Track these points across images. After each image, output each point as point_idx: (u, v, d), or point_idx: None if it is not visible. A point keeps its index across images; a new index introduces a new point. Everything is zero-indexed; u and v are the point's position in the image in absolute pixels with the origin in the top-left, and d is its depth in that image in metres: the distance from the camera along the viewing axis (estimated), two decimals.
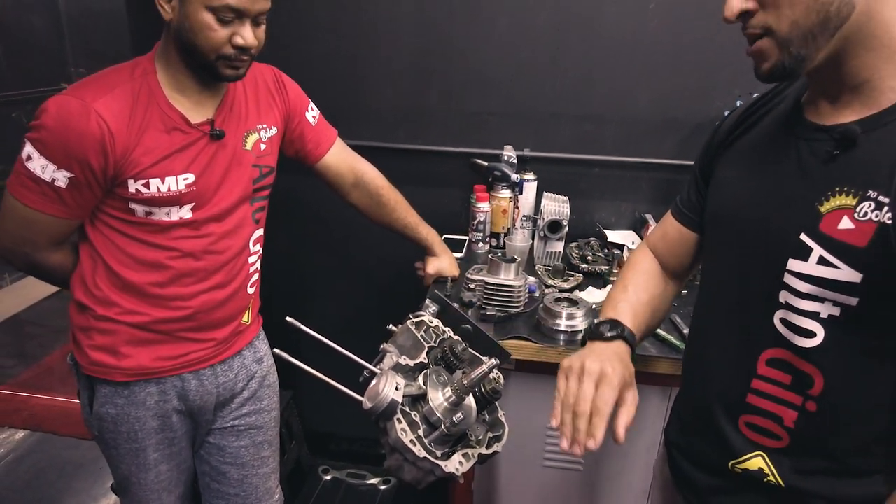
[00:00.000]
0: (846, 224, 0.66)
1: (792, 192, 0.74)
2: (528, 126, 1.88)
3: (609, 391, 0.80)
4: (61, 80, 4.37)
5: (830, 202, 0.69)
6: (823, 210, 0.69)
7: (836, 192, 0.68)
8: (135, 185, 1.10)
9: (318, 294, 2.20)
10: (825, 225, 0.69)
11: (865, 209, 0.65)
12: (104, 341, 1.18)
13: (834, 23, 0.62)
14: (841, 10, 0.62)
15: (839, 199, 0.68)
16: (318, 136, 1.40)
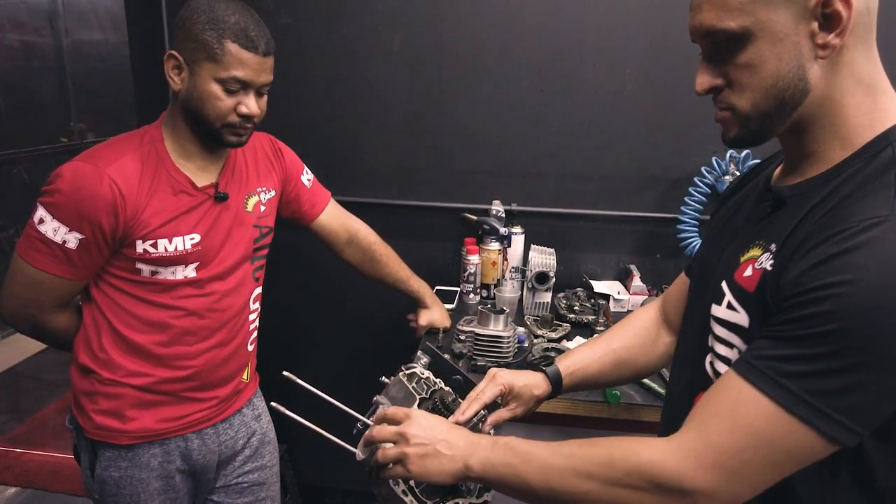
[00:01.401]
0: (748, 272, 0.71)
1: (732, 244, 0.79)
2: (515, 182, 1.96)
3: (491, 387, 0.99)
4: (62, 135, 4.48)
5: (747, 253, 0.73)
6: (742, 260, 0.73)
7: (754, 245, 0.73)
8: (143, 245, 1.14)
9: (311, 345, 2.23)
10: (738, 273, 0.73)
11: (763, 259, 0.69)
12: (110, 405, 1.20)
13: (790, 105, 0.67)
14: (795, 96, 0.67)
15: (753, 251, 0.72)
16: (312, 197, 1.47)
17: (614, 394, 1.37)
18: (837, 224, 0.61)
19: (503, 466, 0.77)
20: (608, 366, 1.04)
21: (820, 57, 0.65)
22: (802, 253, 0.63)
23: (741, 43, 0.67)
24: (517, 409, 1.01)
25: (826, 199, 0.66)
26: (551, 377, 1.02)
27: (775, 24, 0.65)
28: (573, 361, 1.04)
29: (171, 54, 1.13)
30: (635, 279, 1.88)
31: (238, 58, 1.11)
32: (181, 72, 1.13)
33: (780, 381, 0.61)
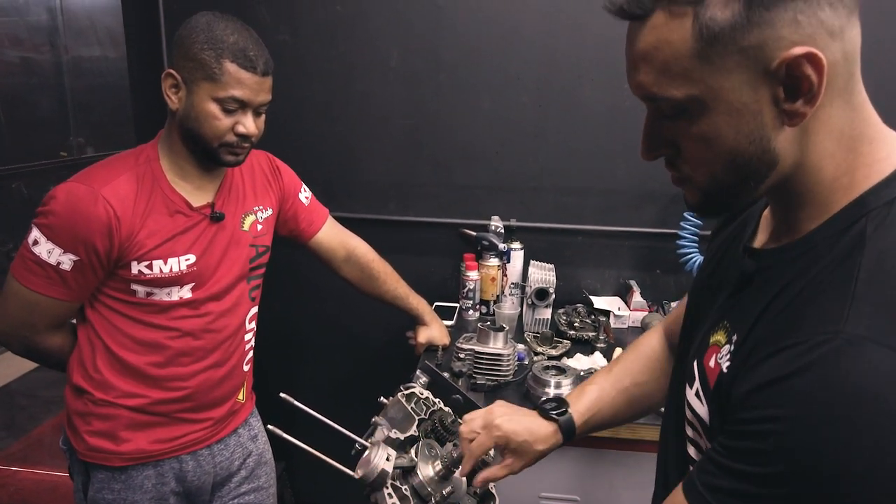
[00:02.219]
0: (712, 362, 0.63)
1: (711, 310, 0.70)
2: (514, 198, 1.96)
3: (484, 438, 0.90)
4: (61, 149, 4.48)
5: (715, 335, 0.65)
6: (710, 340, 0.65)
7: (721, 326, 0.65)
8: (138, 266, 1.13)
9: (309, 363, 2.22)
10: (706, 357, 0.65)
11: (724, 352, 0.61)
12: (103, 426, 1.19)
13: (755, 179, 0.58)
14: (761, 169, 0.57)
15: (719, 335, 0.64)
16: (310, 215, 1.46)
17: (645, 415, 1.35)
18: (790, 332, 0.53)
19: None
20: (622, 406, 0.96)
21: (788, 125, 0.55)
22: (754, 363, 0.55)
23: (689, 114, 0.56)
24: (514, 465, 0.92)
25: (789, 286, 0.57)
26: (564, 428, 0.92)
27: (730, 93, 0.54)
28: (586, 406, 0.94)
29: (169, 73, 1.12)
30: (635, 295, 1.87)
31: (236, 77, 1.10)
32: (179, 90, 1.13)
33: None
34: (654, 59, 0.55)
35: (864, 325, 0.49)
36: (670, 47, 0.54)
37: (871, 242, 0.53)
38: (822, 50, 0.51)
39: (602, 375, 0.98)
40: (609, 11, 0.57)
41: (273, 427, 0.88)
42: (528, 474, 1.44)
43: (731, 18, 0.51)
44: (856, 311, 0.50)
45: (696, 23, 0.52)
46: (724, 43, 0.52)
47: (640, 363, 0.98)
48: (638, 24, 0.56)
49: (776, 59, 0.51)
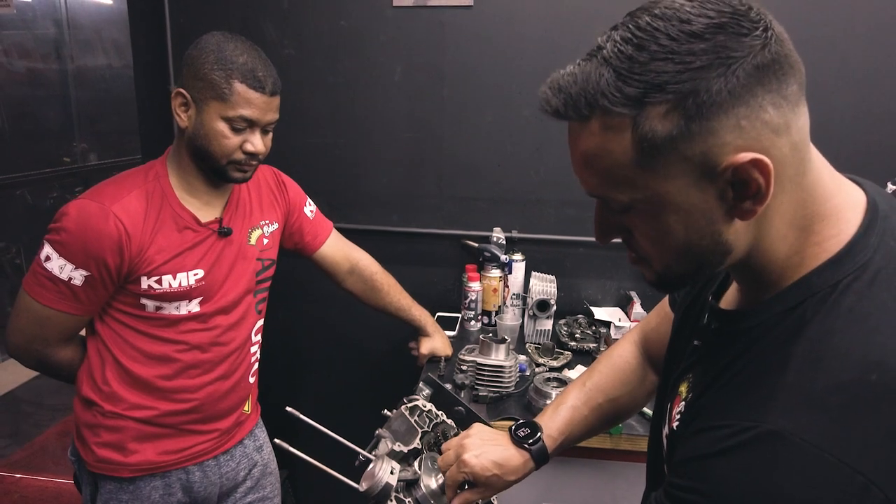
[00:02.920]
0: (675, 411, 0.64)
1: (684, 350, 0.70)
2: (515, 210, 1.97)
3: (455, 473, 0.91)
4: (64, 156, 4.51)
5: (682, 384, 0.66)
6: (679, 389, 0.66)
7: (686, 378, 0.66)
8: (147, 281, 1.15)
9: (313, 373, 2.23)
10: (675, 405, 0.66)
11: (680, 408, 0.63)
12: (112, 438, 1.20)
13: (709, 266, 0.58)
14: (714, 258, 0.57)
15: (683, 386, 0.66)
16: (315, 228, 1.48)
17: (616, 426, 1.37)
18: (722, 412, 0.55)
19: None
20: (594, 423, 0.97)
21: (740, 219, 0.54)
22: (692, 432, 0.57)
23: (638, 212, 0.56)
24: (485, 493, 0.92)
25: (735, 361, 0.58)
26: (536, 457, 0.92)
27: (676, 196, 0.53)
28: (559, 430, 0.95)
29: (179, 92, 1.15)
30: (636, 306, 1.88)
31: (245, 97, 1.12)
32: (188, 109, 1.15)
33: None
34: (595, 164, 0.55)
35: (787, 418, 0.50)
36: (611, 156, 0.53)
37: (809, 330, 0.53)
38: (768, 150, 0.51)
39: (575, 391, 0.98)
40: (544, 112, 0.56)
41: (279, 441, 0.88)
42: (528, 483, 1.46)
43: (671, 131, 0.50)
44: (783, 401, 0.51)
45: (634, 133, 0.51)
46: (665, 153, 0.51)
47: (614, 377, 0.98)
48: (579, 125, 0.55)
49: (721, 165, 0.51)
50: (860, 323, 0.52)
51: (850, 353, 0.51)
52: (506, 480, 0.91)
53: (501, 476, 0.90)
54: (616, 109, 0.51)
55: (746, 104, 0.50)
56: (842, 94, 1.77)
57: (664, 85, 0.50)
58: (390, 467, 0.90)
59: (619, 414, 0.99)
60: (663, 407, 0.72)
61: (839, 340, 0.52)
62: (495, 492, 0.92)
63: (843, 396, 0.49)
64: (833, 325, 0.53)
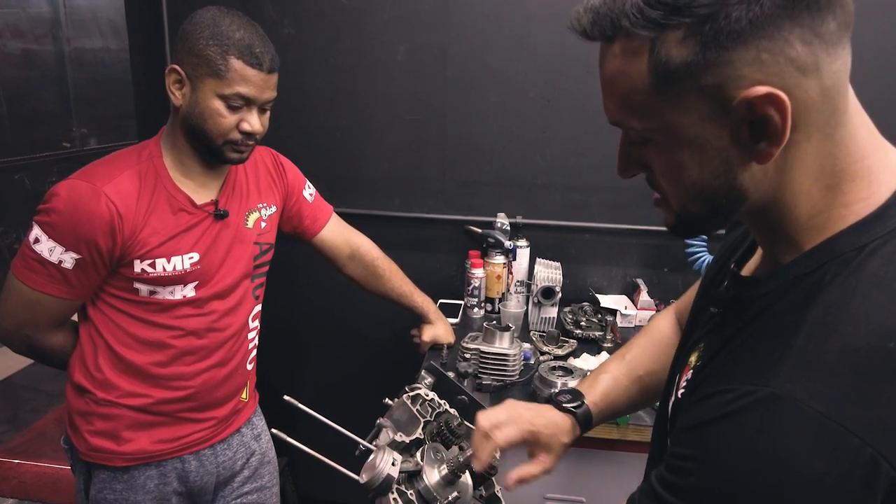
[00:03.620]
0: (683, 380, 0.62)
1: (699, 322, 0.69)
2: (520, 195, 1.93)
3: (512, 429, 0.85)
4: (63, 141, 4.47)
5: (692, 354, 0.64)
6: (689, 359, 0.64)
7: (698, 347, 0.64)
8: (140, 265, 1.12)
9: (313, 361, 2.20)
10: (685, 371, 0.64)
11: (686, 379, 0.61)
12: (105, 426, 1.18)
13: (723, 212, 0.56)
14: (728, 204, 0.55)
15: (694, 355, 0.63)
16: (314, 212, 1.44)
17: (623, 416, 1.34)
18: (726, 377, 0.52)
19: None
20: (634, 395, 0.95)
21: (757, 162, 0.52)
22: (694, 400, 0.55)
23: (654, 143, 0.55)
24: (546, 461, 0.88)
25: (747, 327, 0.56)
26: (582, 421, 0.90)
27: (689, 130, 0.52)
28: (600, 396, 0.93)
29: (173, 69, 1.10)
30: (642, 294, 1.85)
31: (242, 74, 1.08)
32: (183, 87, 1.11)
33: None
34: (615, 88, 0.54)
35: (794, 382, 0.47)
36: (628, 80, 0.52)
37: (826, 293, 0.50)
38: (790, 89, 0.48)
39: (615, 363, 0.97)
40: (573, 31, 0.55)
41: (276, 431, 0.87)
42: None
43: (686, 57, 0.49)
44: (790, 365, 0.48)
45: (651, 58, 0.50)
46: (680, 81, 0.50)
47: (653, 350, 0.96)
48: (605, 46, 0.54)
49: (735, 99, 0.49)
50: (884, 288, 0.49)
51: (869, 318, 0.48)
52: (561, 442, 0.88)
53: (558, 436, 0.88)
54: (636, 31, 0.50)
55: (770, 37, 0.47)
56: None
57: (683, 8, 0.48)
58: (391, 458, 0.87)
59: (658, 387, 0.94)
60: (672, 378, 0.70)
61: (858, 305, 0.49)
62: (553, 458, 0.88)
63: (857, 363, 0.46)
64: (853, 288, 0.50)
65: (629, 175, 0.61)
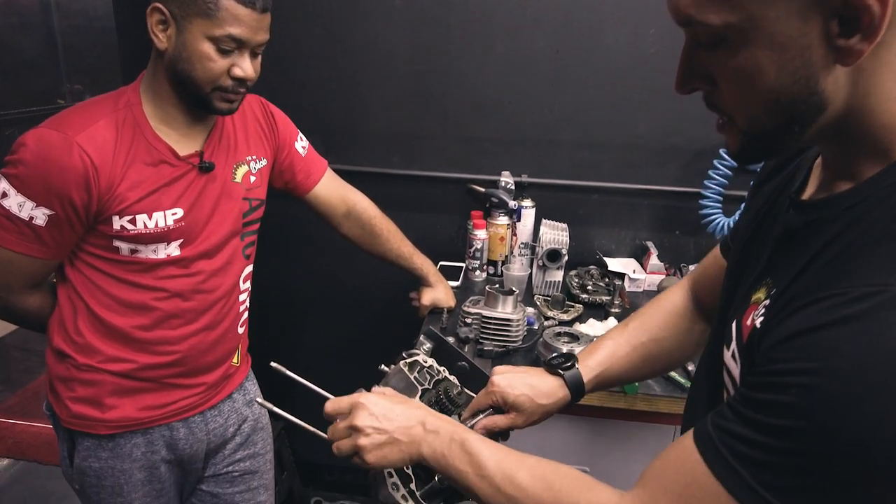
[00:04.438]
0: (749, 319, 0.58)
1: (754, 268, 0.65)
2: (526, 152, 1.86)
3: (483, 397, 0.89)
4: (57, 97, 4.34)
5: (756, 292, 0.60)
6: (751, 299, 0.61)
7: (763, 283, 0.60)
8: (119, 221, 1.05)
9: (307, 324, 2.17)
10: (745, 316, 0.60)
11: (761, 309, 0.57)
12: (87, 393, 1.13)
13: (800, 122, 0.52)
14: (807, 112, 0.51)
15: (759, 292, 0.59)
16: (307, 166, 1.37)
17: (632, 385, 1.28)
18: (831, 282, 0.49)
19: (455, 470, 0.72)
20: (637, 362, 0.92)
21: (841, 64, 0.49)
22: (788, 312, 0.51)
23: (728, 44, 0.51)
24: (517, 419, 0.89)
25: (838, 238, 0.53)
26: (570, 384, 0.89)
27: (774, 24, 0.48)
28: (598, 361, 0.91)
29: (156, 7, 1.02)
30: (652, 257, 1.78)
31: (234, 14, 1.00)
32: (167, 28, 1.02)
33: (734, 465, 0.51)
34: None
35: None
36: None
37: None
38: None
39: (618, 330, 0.95)
40: None
41: (261, 401, 0.86)
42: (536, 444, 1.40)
43: None
44: None
45: None
46: None
47: (660, 318, 0.94)
48: None
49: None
50: None
51: None
52: (538, 404, 0.88)
53: (532, 398, 0.88)
54: None
55: None
56: None
57: None
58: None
59: (664, 357, 0.94)
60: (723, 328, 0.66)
61: None
62: (525, 419, 0.89)
63: None
64: None
65: (688, 90, 0.57)
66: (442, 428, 0.75)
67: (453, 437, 0.73)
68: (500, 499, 0.68)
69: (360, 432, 0.75)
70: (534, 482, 0.67)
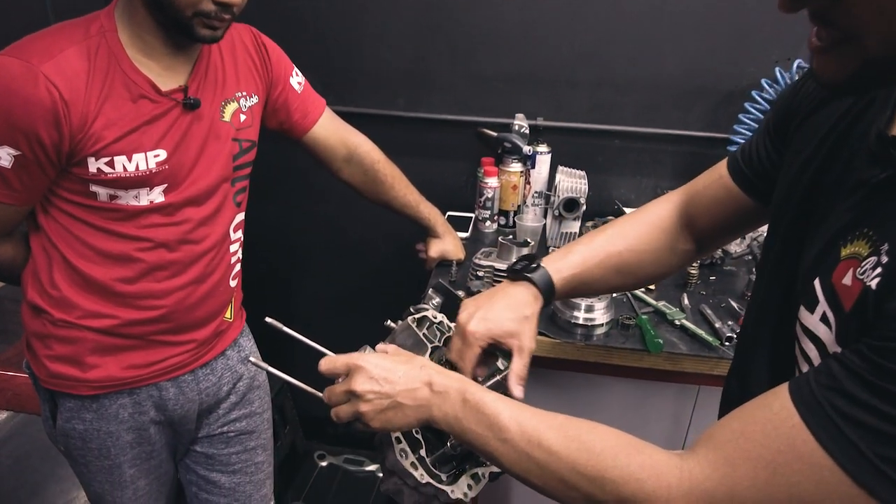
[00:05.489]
0: (847, 279, 0.52)
1: (824, 220, 0.59)
2: (542, 93, 1.74)
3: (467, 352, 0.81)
4: None
5: (849, 247, 0.53)
6: (842, 254, 0.54)
7: (859, 235, 0.53)
8: (96, 163, 0.96)
9: (307, 277, 2.11)
10: (836, 274, 0.54)
11: (867, 267, 0.50)
12: (65, 351, 1.06)
13: None
14: None
15: (857, 246, 0.53)
16: (304, 105, 1.26)
17: (656, 342, 1.20)
18: None
19: (472, 434, 0.65)
20: (610, 272, 0.86)
21: None
22: None
23: None
24: (521, 345, 0.81)
25: None
26: (540, 287, 0.82)
27: None
28: (569, 264, 0.85)
29: None
30: None
31: None
32: None
33: (850, 435, 0.45)
34: None
35: None
36: None
37: None
38: None
39: (591, 235, 0.90)
40: None
41: (253, 359, 0.82)
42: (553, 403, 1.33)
43: None
44: None
45: None
46: None
47: (642, 230, 0.88)
48: None
49: None
50: None
51: None
52: (523, 315, 0.81)
53: (515, 319, 0.81)
54: None
55: None
56: None
57: None
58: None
59: (639, 272, 0.89)
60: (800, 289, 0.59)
61: None
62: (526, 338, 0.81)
63: None
64: None
65: (797, 7, 0.47)
66: (451, 388, 0.68)
67: (465, 397, 0.66)
68: (527, 465, 0.61)
69: (360, 398, 0.70)
70: (567, 444, 0.59)
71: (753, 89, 1.58)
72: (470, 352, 0.80)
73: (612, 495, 0.56)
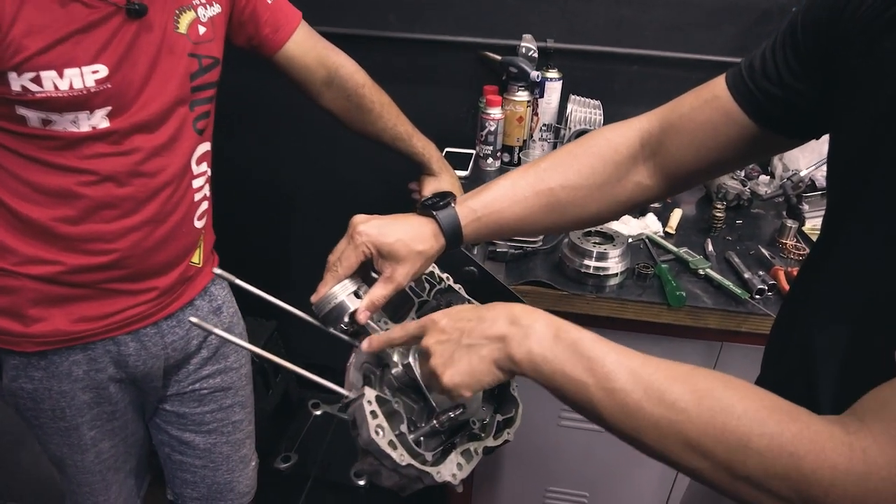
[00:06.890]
0: None
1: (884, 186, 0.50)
2: (553, 10, 1.60)
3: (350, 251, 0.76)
4: None
5: None
6: None
7: None
8: (19, 80, 0.81)
9: (286, 217, 2.03)
10: None
11: None
12: (2, 302, 0.95)
13: None
14: None
15: None
16: (275, 17, 1.10)
17: (678, 295, 1.09)
18: None
19: (564, 379, 0.55)
20: (537, 210, 0.78)
21: None
22: None
23: None
24: (393, 272, 0.75)
25: None
26: (444, 227, 0.76)
27: None
28: (484, 202, 0.77)
29: None
30: None
31: None
32: None
33: None
34: None
35: None
36: None
37: None
38: None
39: (524, 169, 0.81)
40: None
41: (195, 319, 0.70)
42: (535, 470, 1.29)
43: None
44: None
45: None
46: None
47: (584, 162, 0.78)
48: None
49: None
50: None
51: None
52: (414, 249, 0.75)
53: (407, 242, 0.75)
54: None
55: None
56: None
57: None
58: (355, 287, 0.75)
59: (576, 210, 0.79)
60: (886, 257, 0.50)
61: None
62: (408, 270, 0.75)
63: None
64: None
65: None
66: (539, 320, 0.58)
67: (558, 334, 0.56)
68: (640, 422, 0.51)
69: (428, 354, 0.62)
70: (698, 401, 0.49)
71: (794, 5, 1.42)
72: (353, 254, 0.74)
73: (757, 470, 0.46)
